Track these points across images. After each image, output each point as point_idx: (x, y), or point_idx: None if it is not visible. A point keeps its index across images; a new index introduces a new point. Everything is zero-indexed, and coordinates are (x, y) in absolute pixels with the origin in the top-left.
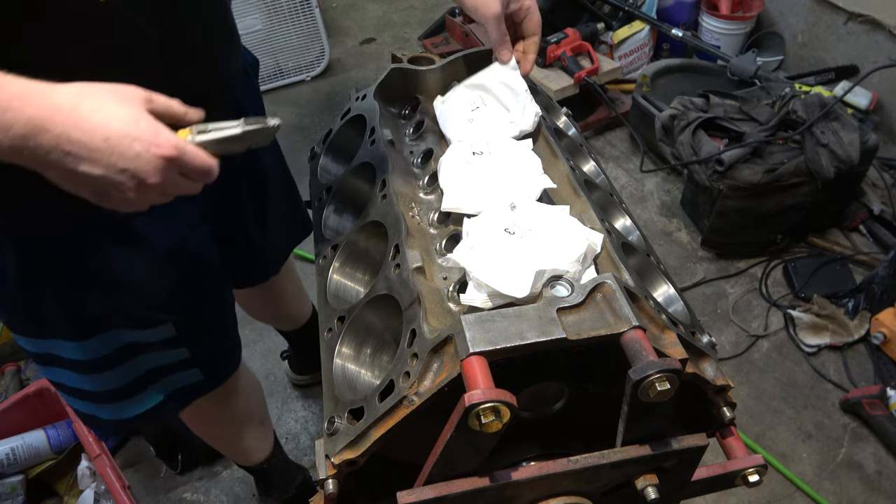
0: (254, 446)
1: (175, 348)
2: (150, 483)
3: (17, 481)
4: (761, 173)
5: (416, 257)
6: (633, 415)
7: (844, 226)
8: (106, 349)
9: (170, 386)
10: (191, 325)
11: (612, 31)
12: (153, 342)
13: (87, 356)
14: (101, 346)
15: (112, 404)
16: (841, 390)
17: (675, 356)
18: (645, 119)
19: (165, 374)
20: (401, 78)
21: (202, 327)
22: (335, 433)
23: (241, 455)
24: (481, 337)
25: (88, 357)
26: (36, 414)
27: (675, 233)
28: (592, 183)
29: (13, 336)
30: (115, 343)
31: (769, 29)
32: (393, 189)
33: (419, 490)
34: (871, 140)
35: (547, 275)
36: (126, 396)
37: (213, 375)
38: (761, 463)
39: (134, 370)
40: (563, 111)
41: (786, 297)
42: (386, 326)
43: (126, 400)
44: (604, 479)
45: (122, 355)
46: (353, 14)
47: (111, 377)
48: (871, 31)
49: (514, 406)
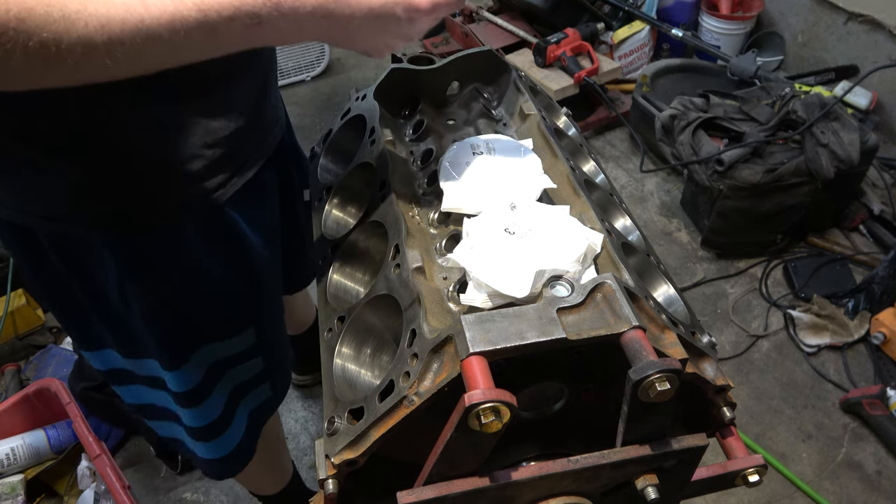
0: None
1: (254, 358)
2: (150, 483)
3: (17, 481)
4: (761, 173)
5: (416, 257)
6: (633, 415)
7: (844, 226)
8: (199, 374)
9: (248, 406)
10: (265, 330)
11: (612, 31)
12: (236, 354)
13: (185, 387)
14: (194, 372)
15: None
16: (841, 390)
17: (675, 356)
18: (645, 119)
19: (245, 391)
20: (401, 78)
21: (272, 333)
22: (335, 433)
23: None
24: (481, 337)
25: (186, 388)
26: (36, 414)
27: (675, 233)
28: (592, 183)
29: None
30: (206, 361)
31: (769, 29)
32: (393, 189)
33: (419, 490)
34: (871, 140)
35: (547, 275)
36: (222, 429)
37: (279, 390)
38: (761, 463)
39: (223, 393)
40: (563, 111)
41: (786, 297)
42: (386, 326)
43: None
44: (604, 479)
45: (212, 378)
46: None
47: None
48: (871, 31)
49: (514, 406)
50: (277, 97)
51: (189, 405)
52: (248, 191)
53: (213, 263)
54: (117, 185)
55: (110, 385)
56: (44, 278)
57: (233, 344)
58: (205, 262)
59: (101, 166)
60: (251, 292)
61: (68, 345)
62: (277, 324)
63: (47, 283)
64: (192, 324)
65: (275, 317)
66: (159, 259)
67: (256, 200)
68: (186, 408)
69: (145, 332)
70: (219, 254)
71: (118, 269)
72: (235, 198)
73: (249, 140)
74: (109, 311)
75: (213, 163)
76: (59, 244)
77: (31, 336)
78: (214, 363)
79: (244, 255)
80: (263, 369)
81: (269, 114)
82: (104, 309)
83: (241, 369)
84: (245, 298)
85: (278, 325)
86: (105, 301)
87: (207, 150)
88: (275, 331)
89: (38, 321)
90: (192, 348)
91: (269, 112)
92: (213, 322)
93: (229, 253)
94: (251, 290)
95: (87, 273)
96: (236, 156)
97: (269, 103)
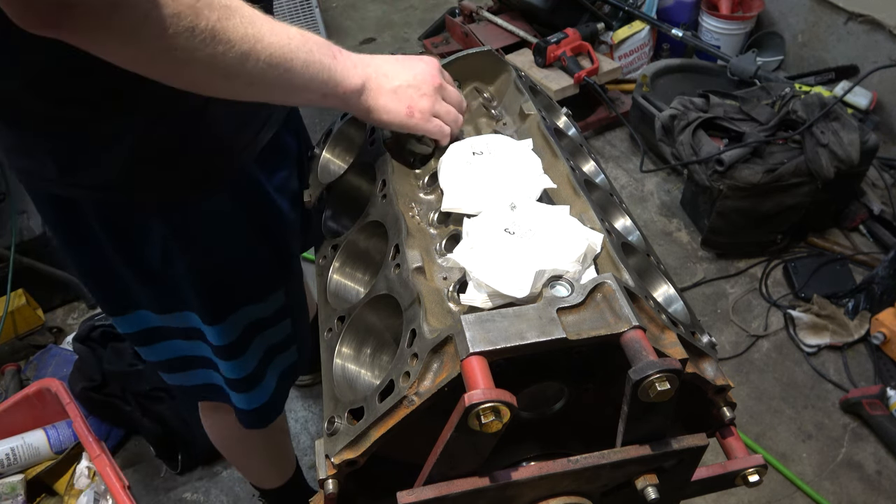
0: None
1: (283, 320)
2: (150, 483)
3: (17, 481)
4: (761, 173)
5: (416, 257)
6: (633, 415)
7: (844, 226)
8: (237, 331)
9: (278, 367)
10: (292, 293)
11: (612, 31)
12: (269, 315)
13: (225, 340)
14: (233, 329)
15: (246, 393)
16: (841, 390)
17: (675, 356)
18: (645, 119)
19: (275, 353)
20: None
21: (298, 296)
22: (335, 433)
23: (257, 476)
24: (481, 337)
25: (225, 342)
26: (36, 414)
27: (675, 233)
28: (592, 183)
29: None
30: (244, 321)
31: (769, 29)
32: (393, 189)
33: (419, 490)
34: (871, 140)
35: (547, 275)
36: (256, 382)
37: (303, 354)
38: (761, 463)
39: (257, 351)
40: (563, 111)
41: (786, 297)
42: (386, 326)
43: (258, 386)
44: (604, 479)
45: (248, 336)
46: (353, 14)
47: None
48: (871, 31)
49: (514, 406)
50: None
51: (228, 357)
52: (269, 153)
53: (248, 226)
54: (162, 151)
55: (134, 347)
56: (81, 248)
57: (267, 306)
58: (241, 225)
59: (148, 133)
60: (281, 255)
61: (68, 345)
62: (301, 287)
63: (85, 252)
64: (230, 284)
65: (298, 280)
66: (202, 222)
67: (279, 164)
68: (225, 360)
69: (189, 289)
70: (253, 218)
71: (162, 233)
72: (261, 160)
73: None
74: (150, 272)
75: (241, 122)
76: (102, 212)
77: (31, 336)
78: (250, 323)
79: (274, 218)
80: (291, 332)
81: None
82: (144, 270)
83: (273, 331)
84: (276, 262)
85: (301, 288)
86: (146, 263)
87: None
88: (299, 294)
89: (38, 321)
90: (231, 308)
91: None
92: (250, 283)
93: (262, 216)
94: (281, 254)
95: (130, 237)
96: (259, 112)
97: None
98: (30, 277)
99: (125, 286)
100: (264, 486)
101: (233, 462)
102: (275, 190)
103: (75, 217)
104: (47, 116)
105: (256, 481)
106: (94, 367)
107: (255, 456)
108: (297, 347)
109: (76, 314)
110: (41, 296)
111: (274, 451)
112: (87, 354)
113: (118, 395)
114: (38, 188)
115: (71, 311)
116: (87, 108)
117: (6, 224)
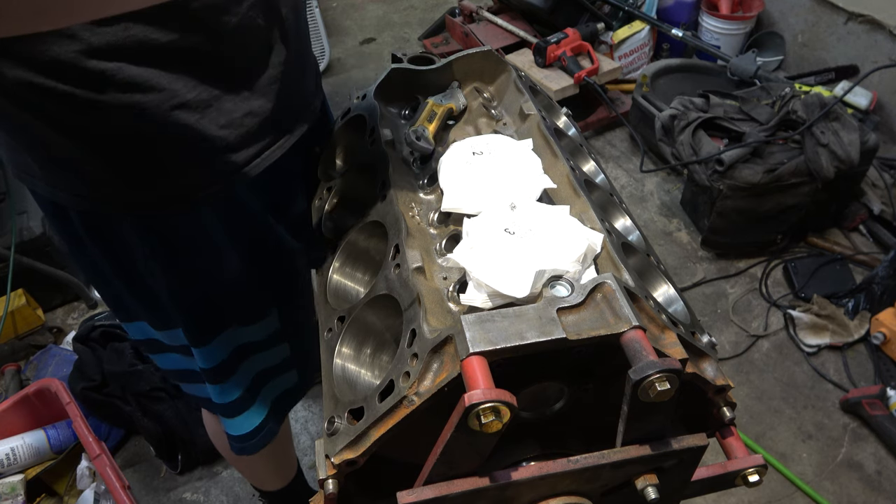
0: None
1: (279, 344)
2: (150, 483)
3: (17, 481)
4: (761, 173)
5: (416, 257)
6: (633, 415)
7: (844, 226)
8: (224, 353)
9: (273, 391)
10: (291, 316)
11: (612, 31)
12: (261, 339)
13: (209, 363)
14: (219, 351)
15: (231, 419)
16: (841, 390)
17: (675, 356)
18: (645, 119)
19: (269, 377)
20: (401, 78)
21: (299, 320)
22: (335, 433)
23: (259, 479)
24: (481, 337)
25: (210, 364)
26: (36, 414)
27: (675, 233)
28: (592, 183)
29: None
30: (231, 343)
31: (769, 29)
32: (393, 189)
33: (419, 490)
34: (871, 140)
35: (547, 275)
36: (242, 409)
37: (307, 376)
38: (761, 463)
39: (246, 376)
40: (563, 111)
41: (786, 297)
42: (386, 326)
43: (243, 413)
44: (604, 479)
45: (236, 359)
46: (353, 14)
47: (232, 385)
48: (871, 31)
49: (514, 406)
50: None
51: (212, 381)
52: (262, 173)
53: (232, 248)
54: (135, 165)
55: (145, 353)
56: (78, 253)
57: (256, 330)
58: (224, 247)
59: (117, 147)
60: (274, 277)
61: (68, 345)
62: (306, 306)
63: (82, 257)
64: (214, 306)
65: (303, 303)
66: (180, 240)
67: (275, 183)
68: (210, 383)
69: (173, 307)
70: (237, 239)
71: (142, 248)
72: (251, 182)
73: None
74: (139, 286)
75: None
76: (88, 222)
77: (31, 336)
78: (239, 346)
79: (263, 239)
80: (290, 356)
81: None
82: (133, 284)
83: (265, 355)
84: (268, 283)
85: (306, 310)
86: (134, 276)
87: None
88: (300, 314)
89: (38, 321)
90: (215, 330)
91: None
92: (235, 306)
93: (248, 237)
94: (274, 275)
95: (115, 250)
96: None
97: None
98: (30, 277)
99: (121, 295)
100: (265, 489)
101: (234, 464)
102: (267, 210)
103: (69, 222)
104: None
105: (258, 483)
106: (94, 367)
107: (258, 460)
108: (299, 371)
109: (76, 314)
110: (41, 296)
111: (276, 456)
112: (87, 354)
113: (118, 395)
114: (36, 188)
115: (71, 311)
116: (45, 120)
117: (6, 224)
